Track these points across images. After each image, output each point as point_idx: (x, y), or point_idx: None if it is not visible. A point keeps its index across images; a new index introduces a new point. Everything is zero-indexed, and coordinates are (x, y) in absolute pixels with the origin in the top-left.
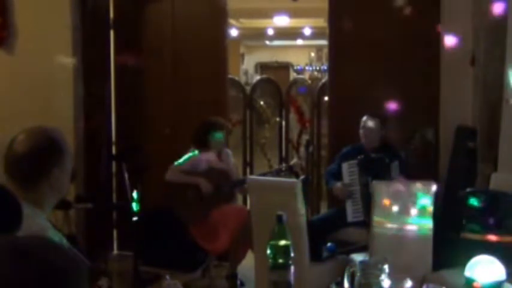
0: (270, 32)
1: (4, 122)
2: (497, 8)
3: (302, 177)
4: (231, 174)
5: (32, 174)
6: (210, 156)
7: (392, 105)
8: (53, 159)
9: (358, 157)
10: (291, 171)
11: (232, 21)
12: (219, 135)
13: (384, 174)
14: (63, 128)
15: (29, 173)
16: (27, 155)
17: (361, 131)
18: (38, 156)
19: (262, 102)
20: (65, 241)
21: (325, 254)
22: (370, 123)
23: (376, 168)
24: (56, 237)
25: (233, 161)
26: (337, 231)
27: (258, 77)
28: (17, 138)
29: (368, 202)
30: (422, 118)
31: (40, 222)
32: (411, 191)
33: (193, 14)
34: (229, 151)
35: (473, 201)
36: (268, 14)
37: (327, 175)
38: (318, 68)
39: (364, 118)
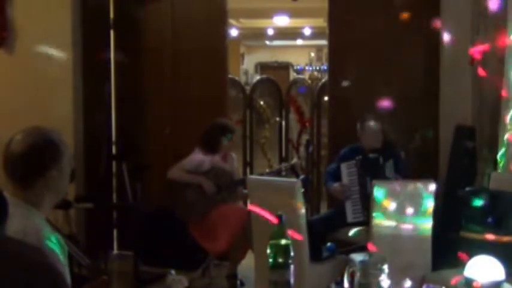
0: (270, 32)
1: (3, 121)
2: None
3: (302, 177)
4: (234, 175)
5: (28, 174)
6: (215, 157)
7: (392, 105)
8: (50, 159)
9: (356, 157)
10: (292, 171)
11: (232, 21)
12: (229, 139)
13: (378, 174)
14: (62, 128)
15: (25, 172)
16: (24, 155)
17: (363, 133)
18: (35, 156)
19: (262, 102)
20: (62, 241)
21: (325, 254)
22: (374, 126)
23: (372, 168)
24: (53, 237)
25: (236, 165)
26: (337, 231)
27: (258, 77)
28: (15, 138)
29: (367, 202)
30: (422, 118)
31: (37, 222)
32: (411, 191)
33: (193, 14)
34: (234, 155)
35: (473, 201)
36: (268, 14)
37: (326, 175)
38: (318, 68)
39: (366, 121)
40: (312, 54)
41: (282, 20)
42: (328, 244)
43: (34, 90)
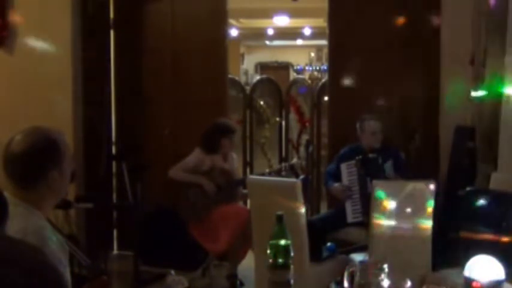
0: (270, 32)
1: (4, 121)
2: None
3: (302, 177)
4: (233, 175)
5: (29, 175)
6: (216, 157)
7: (392, 105)
8: (51, 159)
9: (356, 158)
10: (292, 170)
11: (232, 21)
12: (232, 139)
13: (378, 174)
14: (62, 128)
15: (26, 173)
16: (24, 155)
17: (362, 133)
18: (35, 157)
19: (262, 102)
20: (63, 241)
21: (325, 254)
22: (375, 126)
23: (372, 168)
24: (54, 237)
25: (236, 165)
26: (337, 231)
27: (258, 77)
28: (15, 138)
29: (367, 202)
30: (422, 118)
31: (38, 222)
32: (411, 191)
33: (193, 14)
34: (234, 155)
35: (473, 201)
36: (268, 14)
37: (326, 175)
38: (318, 68)
39: (365, 121)
40: (312, 54)
41: (282, 20)
42: (328, 244)
43: (34, 90)
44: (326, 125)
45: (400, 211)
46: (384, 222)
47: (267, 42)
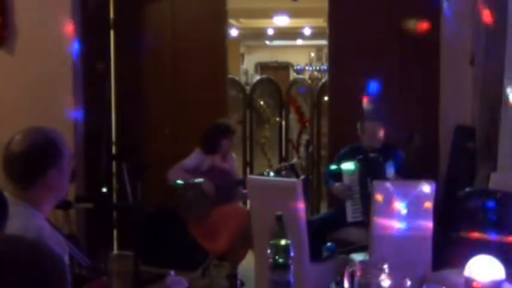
0: (270, 32)
1: (4, 122)
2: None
3: (302, 177)
4: (233, 175)
5: (28, 174)
6: (215, 158)
7: (392, 105)
8: (50, 159)
9: (357, 157)
10: (292, 171)
11: (232, 21)
12: (231, 140)
13: (378, 174)
14: (63, 128)
15: (25, 172)
16: (24, 155)
17: (363, 133)
18: (34, 156)
19: (262, 102)
20: (63, 242)
21: (325, 253)
22: (375, 126)
23: (373, 168)
24: (53, 237)
25: (236, 165)
26: (337, 231)
27: (258, 77)
28: (14, 138)
29: (368, 202)
30: (422, 118)
31: (37, 222)
32: (411, 191)
33: (193, 14)
34: (234, 155)
35: (473, 201)
36: (268, 14)
37: (327, 175)
38: (318, 68)
39: (367, 121)
40: (312, 54)
41: (282, 20)
42: (328, 244)
43: (34, 90)
44: (326, 125)
45: (400, 211)
46: (384, 222)
47: (267, 42)
